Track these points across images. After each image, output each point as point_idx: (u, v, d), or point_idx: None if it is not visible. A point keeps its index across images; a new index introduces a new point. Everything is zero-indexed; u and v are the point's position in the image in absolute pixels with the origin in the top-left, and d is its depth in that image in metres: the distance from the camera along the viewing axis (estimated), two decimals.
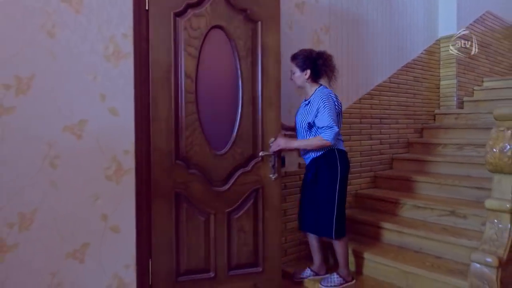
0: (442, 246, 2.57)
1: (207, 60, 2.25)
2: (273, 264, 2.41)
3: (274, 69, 2.36)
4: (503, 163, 2.01)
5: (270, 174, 2.36)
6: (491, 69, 4.87)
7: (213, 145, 2.27)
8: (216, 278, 2.30)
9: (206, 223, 2.27)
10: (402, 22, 3.84)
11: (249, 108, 2.31)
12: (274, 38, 2.36)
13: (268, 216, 2.38)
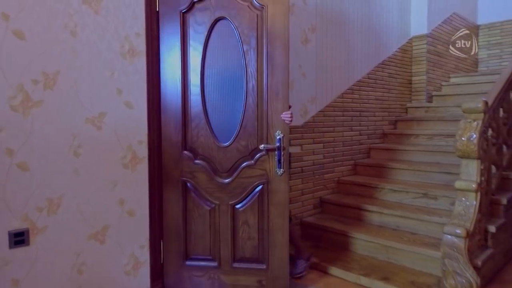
0: (416, 223, 2.92)
1: (212, 53, 2.35)
2: (280, 264, 2.34)
3: (281, 56, 2.27)
4: (470, 150, 2.36)
5: (276, 169, 2.31)
6: (457, 66, 5.32)
7: (218, 137, 2.38)
8: (220, 268, 2.39)
9: (211, 213, 2.39)
10: (379, 22, 4.17)
11: (254, 99, 2.32)
12: (282, 23, 2.26)
13: (274, 212, 2.32)
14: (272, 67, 2.28)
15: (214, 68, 2.38)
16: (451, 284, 2.21)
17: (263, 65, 2.30)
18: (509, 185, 2.97)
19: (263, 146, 2.30)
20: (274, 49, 2.28)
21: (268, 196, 2.33)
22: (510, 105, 3.05)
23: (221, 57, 2.38)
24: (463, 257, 2.19)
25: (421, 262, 2.61)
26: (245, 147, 2.35)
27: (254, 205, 2.35)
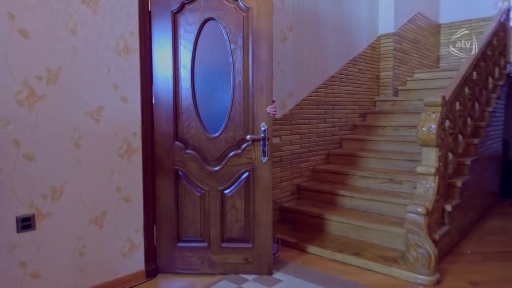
0: (383, 205, 3.25)
1: (203, 50, 2.53)
2: (264, 242, 2.57)
3: (265, 55, 2.48)
4: (430, 139, 2.69)
5: (261, 157, 2.53)
6: (421, 62, 5.74)
7: (208, 128, 2.58)
8: (210, 248, 2.60)
9: (201, 198, 2.59)
10: (350, 21, 4.46)
11: (241, 94, 2.53)
12: (266, 24, 2.47)
13: (259, 196, 2.55)
14: (257, 65, 2.50)
15: (203, 65, 2.57)
16: (413, 256, 2.54)
17: (249, 62, 2.51)
18: (464, 170, 3.36)
19: (249, 137, 2.51)
20: (259, 48, 2.49)
21: (253, 182, 2.56)
22: (465, 99, 3.43)
23: (210, 54, 2.57)
24: (423, 232, 2.53)
25: (387, 239, 2.94)
26: (232, 138, 2.57)
27: (241, 190, 2.58)
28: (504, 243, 3.30)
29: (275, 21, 3.39)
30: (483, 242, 3.26)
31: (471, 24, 6.12)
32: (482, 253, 3.00)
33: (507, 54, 4.77)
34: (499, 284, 2.47)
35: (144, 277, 2.53)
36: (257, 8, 2.48)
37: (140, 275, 2.52)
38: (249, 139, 2.53)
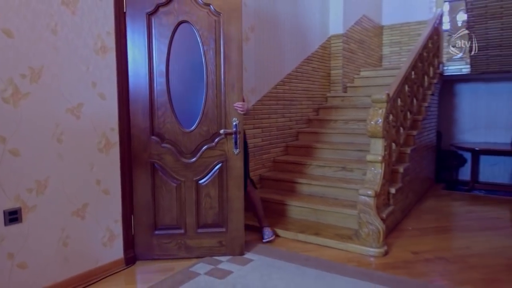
0: (338, 191, 3.64)
1: (176, 50, 2.71)
2: (237, 226, 2.82)
3: (236, 55, 2.72)
4: (377, 131, 3.09)
5: (233, 149, 2.76)
6: (366, 61, 6.26)
7: (183, 123, 2.76)
8: (186, 234, 2.81)
9: (177, 188, 2.78)
10: (304, 23, 4.81)
11: (214, 91, 2.74)
12: (236, 28, 2.71)
13: (231, 184, 2.79)
14: (229, 65, 2.73)
15: (178, 64, 2.74)
16: (365, 232, 2.94)
17: (220, 63, 2.73)
18: (405, 158, 3.85)
19: (223, 131, 2.74)
20: (230, 50, 2.72)
21: (226, 172, 2.79)
22: (405, 96, 3.91)
23: (184, 55, 2.75)
24: (373, 211, 2.93)
25: (342, 220, 3.33)
26: (206, 132, 2.78)
27: (215, 180, 2.80)
28: (438, 220, 3.85)
29: None
30: (421, 220, 3.78)
31: (409, 27, 6.77)
32: (420, 229, 3.50)
33: (440, 55, 5.40)
34: (434, 252, 2.94)
35: (123, 265, 2.68)
36: (228, 13, 2.71)
37: (119, 262, 2.67)
38: (223, 133, 2.75)
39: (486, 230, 3.49)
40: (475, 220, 3.82)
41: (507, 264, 2.72)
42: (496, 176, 5.99)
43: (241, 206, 2.83)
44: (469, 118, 6.24)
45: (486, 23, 4.38)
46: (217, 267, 2.64)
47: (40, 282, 2.21)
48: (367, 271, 2.61)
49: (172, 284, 2.39)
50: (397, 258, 2.82)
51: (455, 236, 3.45)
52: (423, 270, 2.65)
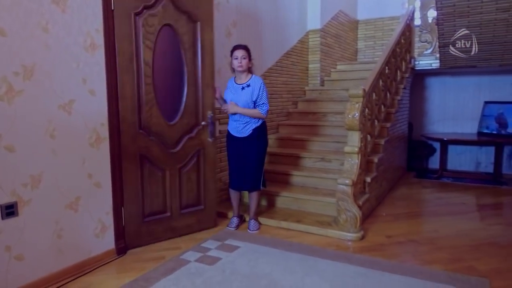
0: (317, 180, 3.84)
1: (160, 51, 2.91)
2: (211, 203, 3.31)
3: (209, 59, 3.16)
4: (354, 124, 3.30)
5: (208, 138, 3.20)
6: (342, 55, 6.48)
7: (166, 117, 3.00)
8: (172, 216, 3.09)
9: (163, 177, 3.02)
10: (283, 18, 4.94)
11: (192, 88, 3.10)
12: (209, 35, 3.15)
13: (207, 168, 3.25)
14: (204, 66, 3.13)
15: (161, 63, 2.94)
16: (343, 218, 3.15)
17: (198, 64, 3.11)
18: (379, 149, 4.09)
19: (204, 123, 3.15)
20: (204, 53, 3.13)
21: (204, 157, 3.22)
22: (379, 90, 4.13)
23: (167, 55, 2.97)
24: (350, 199, 3.14)
25: (322, 207, 3.53)
26: (187, 124, 3.11)
27: (195, 165, 3.18)
28: (409, 206, 4.13)
29: (221, 18, 3.74)
30: (394, 206, 4.05)
31: (383, 22, 7.04)
32: (393, 214, 3.75)
33: (412, 50, 5.66)
34: (406, 235, 3.20)
35: (115, 255, 2.78)
36: (203, 22, 3.11)
37: (111, 253, 2.77)
38: (202, 125, 3.12)
39: (452, 214, 3.79)
40: (443, 206, 4.12)
41: (470, 245, 3.00)
42: (462, 164, 6.37)
43: (214, 185, 3.35)
44: (439, 110, 6.58)
45: (454, 20, 4.65)
46: (206, 254, 2.78)
47: (36, 273, 2.29)
48: (345, 254, 2.82)
49: (164, 271, 2.52)
50: (372, 242, 3.05)
51: (425, 220, 3.73)
52: (396, 252, 2.89)
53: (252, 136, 3.18)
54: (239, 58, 3.09)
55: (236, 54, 3.11)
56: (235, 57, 3.12)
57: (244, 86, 3.15)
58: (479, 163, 6.30)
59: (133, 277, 2.45)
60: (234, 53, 3.13)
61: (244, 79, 3.17)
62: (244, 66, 3.12)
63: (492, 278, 2.43)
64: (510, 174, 5.94)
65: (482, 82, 6.21)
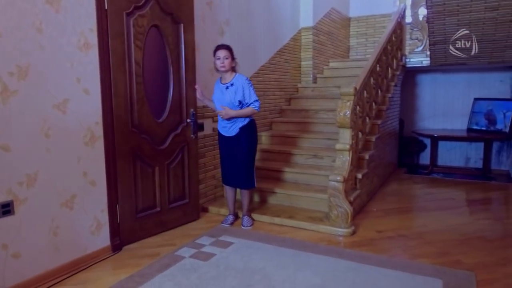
0: (309, 177, 3.91)
1: (149, 51, 2.99)
2: (195, 195, 3.48)
3: (192, 58, 3.31)
4: (345, 122, 3.36)
5: (191, 135, 3.36)
6: (334, 52, 6.53)
7: (155, 115, 3.10)
8: (161, 211, 3.21)
9: (152, 173, 3.12)
10: (276, 16, 4.98)
11: (177, 87, 3.23)
12: (191, 36, 3.30)
13: (190, 163, 3.40)
14: (187, 66, 3.27)
15: (150, 63, 3.01)
16: (335, 214, 3.22)
17: (182, 64, 3.23)
18: (370, 145, 4.16)
19: (189, 120, 3.31)
20: (188, 53, 3.27)
21: (188, 153, 3.37)
22: (371, 88, 4.20)
23: (155, 54, 3.06)
24: (341, 195, 3.20)
25: (314, 204, 3.60)
26: (173, 121, 3.23)
27: (180, 161, 3.32)
28: (400, 201, 4.21)
29: (214, 16, 3.77)
30: (385, 202, 4.13)
31: (375, 19, 7.10)
32: (384, 210, 3.83)
33: (403, 47, 5.73)
34: (396, 230, 3.27)
35: (110, 252, 2.82)
36: (186, 23, 3.25)
37: (107, 250, 2.81)
38: (187, 122, 3.31)
39: (441, 210, 3.88)
40: (433, 201, 4.22)
41: (458, 239, 3.08)
42: (452, 160, 6.47)
43: (197, 178, 3.53)
44: (429, 106, 6.66)
45: (444, 19, 4.72)
46: (201, 250, 2.83)
47: (33, 270, 2.32)
48: (337, 249, 2.89)
49: (159, 267, 2.56)
50: (363, 237, 3.13)
51: (414, 216, 3.81)
52: (386, 247, 2.96)
53: (240, 135, 3.20)
54: (221, 58, 3.08)
55: (218, 55, 3.10)
56: (217, 58, 3.10)
57: (228, 85, 3.16)
58: (469, 158, 6.41)
59: (129, 273, 2.49)
60: (217, 53, 3.11)
61: (228, 78, 3.17)
62: (227, 66, 3.11)
63: (478, 271, 2.52)
64: (498, 169, 6.06)
65: (472, 79, 6.31)
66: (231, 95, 3.14)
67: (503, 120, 5.84)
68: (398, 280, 2.38)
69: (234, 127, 3.20)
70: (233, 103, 3.14)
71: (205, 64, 3.61)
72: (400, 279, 2.39)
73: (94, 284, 2.38)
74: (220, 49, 3.11)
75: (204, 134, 3.71)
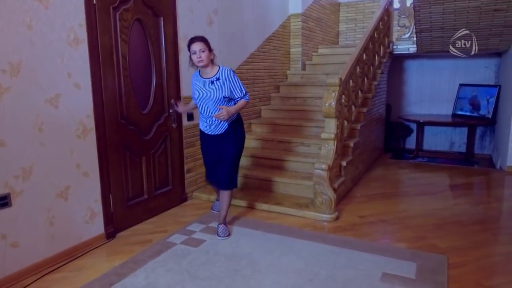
0: (297, 164, 4.04)
1: (133, 44, 3.07)
2: (176, 183, 3.67)
3: (172, 51, 3.43)
4: (330, 112, 3.47)
5: (173, 124, 3.53)
6: (324, 38, 6.57)
7: (141, 106, 3.21)
8: (148, 198, 3.39)
9: (140, 163, 3.27)
10: (265, 3, 5.00)
11: (159, 79, 3.35)
12: (172, 29, 3.40)
13: (173, 152, 3.59)
14: (167, 57, 3.39)
15: (134, 56, 3.09)
16: (319, 200, 3.37)
17: (162, 56, 3.35)
18: (355, 133, 4.29)
19: (171, 111, 3.47)
20: (168, 46, 3.38)
21: (170, 141, 3.53)
22: (357, 77, 4.29)
23: (138, 47, 3.15)
24: (326, 183, 3.35)
25: (301, 190, 3.75)
26: (156, 112, 3.37)
27: (164, 150, 3.49)
28: (384, 187, 4.38)
29: (201, 7, 3.81)
30: (369, 187, 4.30)
31: (364, 5, 7.13)
32: (368, 195, 4.00)
33: (390, 34, 5.80)
34: (378, 215, 3.45)
35: (104, 239, 2.95)
36: (165, 17, 3.34)
37: (101, 237, 2.93)
38: (169, 112, 3.46)
39: (422, 195, 4.06)
40: (415, 187, 4.40)
41: (435, 223, 3.27)
42: (437, 145, 6.66)
43: (181, 168, 3.71)
44: (416, 92, 6.80)
45: (430, 8, 4.79)
46: (191, 237, 2.98)
47: (31, 259, 2.45)
48: (321, 234, 3.05)
49: (152, 254, 2.70)
50: (346, 222, 3.30)
51: (396, 201, 3.99)
52: (367, 231, 3.13)
53: (229, 132, 2.93)
54: (197, 52, 2.73)
55: (193, 48, 2.74)
56: (193, 52, 2.75)
57: (213, 79, 2.82)
58: (453, 143, 6.60)
59: (123, 260, 2.63)
60: (191, 47, 2.75)
61: (211, 72, 2.84)
62: (205, 60, 2.75)
63: (451, 254, 2.70)
64: (481, 153, 6.27)
65: (458, 65, 6.43)
66: (218, 90, 2.81)
67: (486, 106, 6.00)
68: (375, 264, 2.55)
69: (223, 124, 2.90)
70: (220, 100, 2.83)
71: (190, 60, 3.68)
72: (377, 263, 2.57)
73: (89, 270, 2.52)
74: (194, 42, 2.75)
75: (193, 123, 3.79)
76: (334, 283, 2.33)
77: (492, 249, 2.87)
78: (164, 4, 3.29)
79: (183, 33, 3.57)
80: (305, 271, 2.46)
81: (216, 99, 2.83)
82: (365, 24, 6.91)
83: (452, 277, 2.41)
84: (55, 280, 2.40)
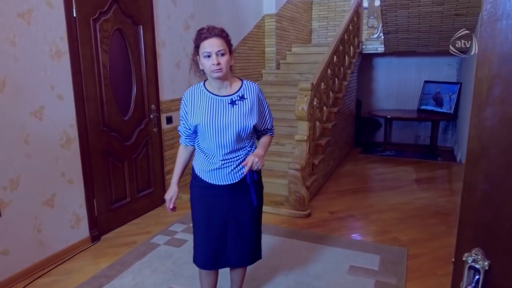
0: (272, 163, 4.27)
1: (113, 54, 3.18)
2: (158, 185, 3.83)
3: (151, 58, 3.57)
4: (303, 115, 3.70)
5: (153, 128, 3.68)
6: (297, 36, 6.77)
7: (122, 114, 3.33)
8: (131, 201, 3.54)
9: (122, 167, 3.40)
10: (240, 5, 5.13)
11: (139, 86, 3.49)
12: (150, 37, 3.54)
13: (154, 155, 3.75)
14: (147, 65, 3.52)
15: (114, 64, 3.20)
16: (293, 198, 3.62)
17: (142, 63, 3.48)
18: (327, 132, 4.55)
19: (152, 116, 3.62)
20: (147, 53, 3.51)
21: (151, 146, 3.69)
22: (328, 79, 4.53)
23: (118, 56, 3.26)
24: (299, 182, 3.60)
25: (276, 188, 3.98)
26: (137, 118, 3.51)
27: (145, 153, 3.65)
28: (354, 182, 4.68)
29: (178, 12, 3.91)
30: (339, 183, 4.59)
31: (335, 3, 7.36)
32: (337, 191, 4.29)
33: (360, 34, 6.08)
34: (346, 211, 3.73)
35: (90, 242, 3.09)
36: (144, 25, 3.46)
37: (86, 240, 3.07)
38: (149, 118, 3.60)
39: (388, 190, 4.39)
40: (382, 182, 4.73)
41: (397, 217, 3.58)
42: (404, 138, 7.07)
43: (162, 170, 3.86)
44: (384, 88, 7.15)
45: (396, 11, 5.07)
46: (174, 237, 3.16)
47: (21, 264, 2.57)
48: (294, 230, 3.30)
49: (137, 255, 2.87)
50: (317, 218, 3.56)
51: (364, 196, 4.29)
52: (336, 227, 3.41)
53: (250, 178, 1.87)
54: (213, 55, 1.68)
55: (206, 49, 1.69)
56: (205, 54, 1.70)
57: (234, 98, 1.78)
58: (419, 136, 7.02)
59: (109, 262, 2.79)
60: (203, 46, 1.70)
61: (230, 87, 1.80)
62: (225, 68, 1.71)
63: (410, 246, 3.01)
64: (444, 146, 6.71)
65: (423, 62, 6.80)
66: (244, 115, 1.78)
67: (449, 101, 6.41)
68: (343, 257, 2.83)
69: (242, 168, 1.83)
70: (246, 128, 1.79)
71: (172, 58, 3.83)
72: (345, 256, 2.84)
73: (78, 273, 2.66)
74: (208, 38, 1.70)
75: (172, 126, 3.93)
76: (306, 276, 2.59)
77: (446, 241, 3.20)
78: (143, 13, 3.40)
79: (161, 40, 3.68)
80: (280, 267, 2.70)
81: (241, 128, 1.77)
82: (337, 22, 7.14)
83: (411, 267, 2.71)
84: (46, 284, 2.54)
